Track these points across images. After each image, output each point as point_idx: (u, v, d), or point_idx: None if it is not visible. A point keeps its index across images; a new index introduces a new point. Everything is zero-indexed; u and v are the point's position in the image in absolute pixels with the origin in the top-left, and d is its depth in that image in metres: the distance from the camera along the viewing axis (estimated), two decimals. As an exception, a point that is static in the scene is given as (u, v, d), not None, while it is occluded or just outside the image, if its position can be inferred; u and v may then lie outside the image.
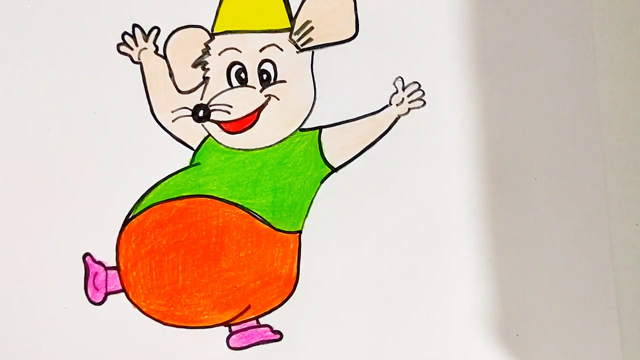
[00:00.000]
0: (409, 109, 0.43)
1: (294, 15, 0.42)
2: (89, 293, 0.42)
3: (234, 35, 0.42)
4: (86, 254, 0.42)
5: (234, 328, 0.43)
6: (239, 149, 0.43)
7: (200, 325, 0.42)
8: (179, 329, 0.42)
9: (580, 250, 0.43)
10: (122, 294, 0.42)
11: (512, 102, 0.43)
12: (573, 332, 0.43)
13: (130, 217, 0.42)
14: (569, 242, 0.43)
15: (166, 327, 0.42)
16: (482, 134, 0.43)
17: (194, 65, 0.42)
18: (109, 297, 0.42)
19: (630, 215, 0.43)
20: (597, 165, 0.43)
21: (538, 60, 0.43)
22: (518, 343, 0.43)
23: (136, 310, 0.42)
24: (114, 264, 0.42)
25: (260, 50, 0.42)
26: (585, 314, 0.43)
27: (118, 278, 0.42)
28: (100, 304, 0.42)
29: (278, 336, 0.43)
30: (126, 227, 0.42)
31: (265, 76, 0.42)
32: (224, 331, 0.43)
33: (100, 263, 0.42)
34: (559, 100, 0.43)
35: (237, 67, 0.42)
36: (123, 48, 0.42)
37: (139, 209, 0.42)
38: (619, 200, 0.43)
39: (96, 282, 0.42)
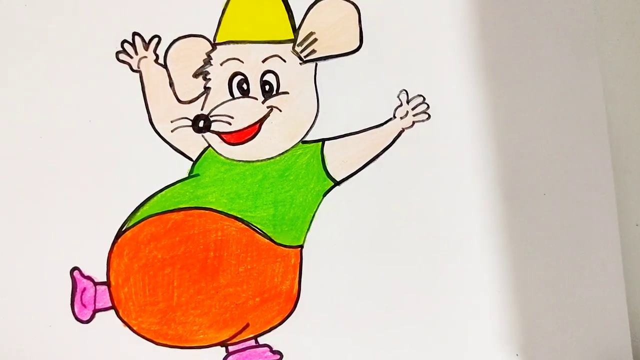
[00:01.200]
0: (414, 123, 0.42)
1: (297, 26, 0.42)
2: (76, 310, 0.39)
3: (236, 46, 0.42)
4: (74, 268, 0.40)
5: (231, 348, 0.40)
6: (239, 161, 0.41)
7: (195, 345, 0.40)
8: (172, 349, 0.40)
9: (590, 262, 0.42)
10: (112, 312, 0.39)
11: (517, 115, 0.42)
12: (585, 345, 0.41)
13: (123, 229, 0.40)
14: (579, 252, 0.42)
15: (158, 347, 0.40)
16: (487, 147, 0.42)
17: (195, 75, 0.41)
18: (97, 314, 0.39)
19: (629, 216, 0.43)
20: (606, 172, 0.42)
21: (545, 73, 0.43)
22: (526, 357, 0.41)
23: (126, 329, 0.39)
24: (104, 279, 0.40)
25: (263, 61, 0.42)
26: (597, 327, 0.42)
27: (108, 294, 0.40)
28: (87, 322, 0.39)
29: (278, 357, 0.40)
30: (119, 240, 0.40)
31: (267, 87, 0.42)
32: (220, 352, 0.40)
33: (89, 278, 0.40)
34: (565, 111, 0.43)
35: (239, 77, 0.41)
36: (122, 56, 0.41)
37: (134, 220, 0.40)
38: (619, 200, 0.42)
39: (84, 299, 0.39)
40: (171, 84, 0.41)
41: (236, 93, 0.41)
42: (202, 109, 0.41)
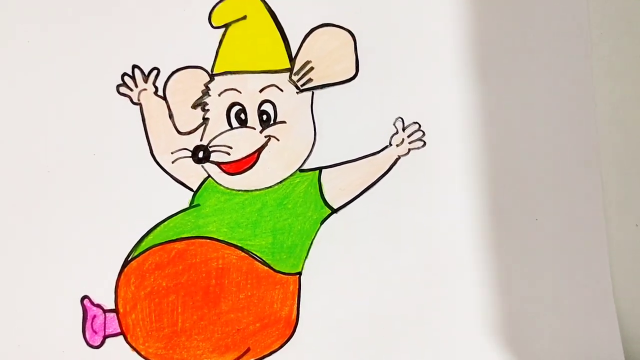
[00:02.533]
0: (409, 150, 0.43)
1: (294, 55, 0.42)
2: (87, 336, 0.41)
3: (233, 76, 0.42)
4: (84, 297, 0.42)
5: (233, 371, 0.42)
6: (238, 190, 0.42)
7: (200, 368, 0.42)
8: (178, 372, 0.42)
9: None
10: (121, 337, 0.42)
11: (513, 144, 0.43)
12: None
13: (129, 258, 0.42)
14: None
15: (165, 370, 0.42)
16: (482, 174, 0.42)
17: (194, 106, 0.42)
18: (107, 340, 0.42)
19: (629, 216, 0.43)
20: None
21: (540, 103, 0.42)
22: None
23: (134, 353, 0.42)
24: (113, 307, 0.42)
25: (260, 91, 0.42)
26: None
27: (117, 321, 0.42)
28: (98, 347, 0.42)
29: (278, 379, 0.42)
30: (125, 269, 0.42)
31: (265, 117, 0.42)
32: (223, 374, 0.42)
33: (98, 306, 0.42)
34: (561, 138, 0.43)
35: (237, 107, 0.42)
36: (123, 89, 0.42)
37: (139, 250, 0.42)
38: (619, 200, 0.43)
39: (94, 325, 0.41)
40: (171, 116, 0.42)
41: (234, 123, 0.42)
42: (201, 140, 0.42)
